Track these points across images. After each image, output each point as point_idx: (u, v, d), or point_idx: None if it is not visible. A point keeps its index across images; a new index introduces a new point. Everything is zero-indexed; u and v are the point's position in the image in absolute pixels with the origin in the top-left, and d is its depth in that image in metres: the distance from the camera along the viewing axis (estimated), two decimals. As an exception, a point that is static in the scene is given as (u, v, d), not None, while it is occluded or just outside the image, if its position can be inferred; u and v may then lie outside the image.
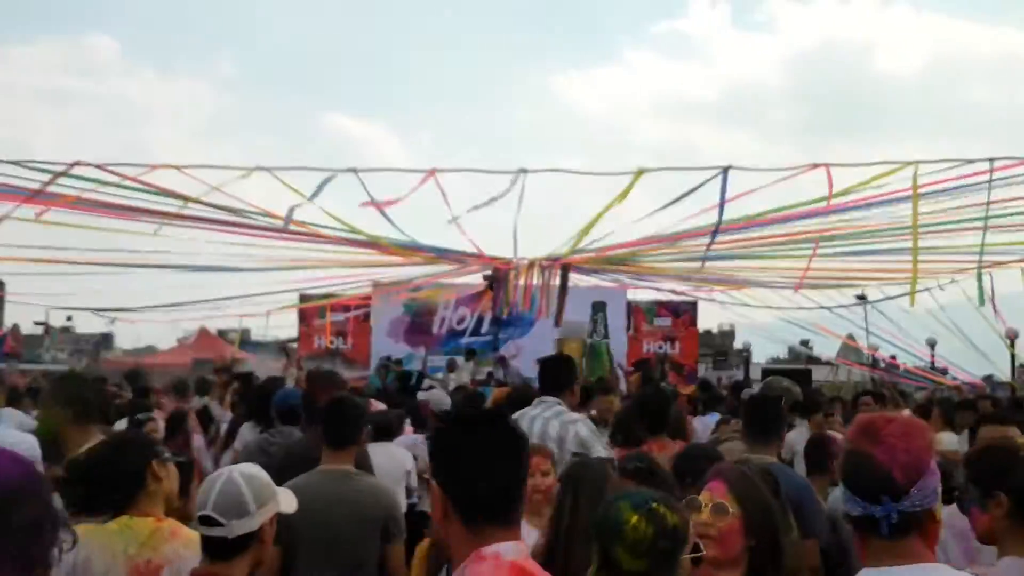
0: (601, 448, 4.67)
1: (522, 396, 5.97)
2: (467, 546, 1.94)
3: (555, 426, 4.71)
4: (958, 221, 9.21)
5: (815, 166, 8.11)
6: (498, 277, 12.99)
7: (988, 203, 7.64)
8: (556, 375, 5.12)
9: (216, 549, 2.55)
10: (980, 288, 7.83)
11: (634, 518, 2.23)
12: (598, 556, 2.28)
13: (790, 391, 7.04)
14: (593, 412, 7.15)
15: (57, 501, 1.42)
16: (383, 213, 8.94)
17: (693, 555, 2.29)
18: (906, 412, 9.29)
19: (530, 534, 3.68)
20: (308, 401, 5.72)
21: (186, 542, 3.05)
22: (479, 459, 1.95)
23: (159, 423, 6.63)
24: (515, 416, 4.83)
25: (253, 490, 2.58)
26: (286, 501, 2.76)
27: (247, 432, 6.67)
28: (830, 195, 7.70)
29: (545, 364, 5.37)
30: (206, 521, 2.54)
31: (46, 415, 4.27)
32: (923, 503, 1.91)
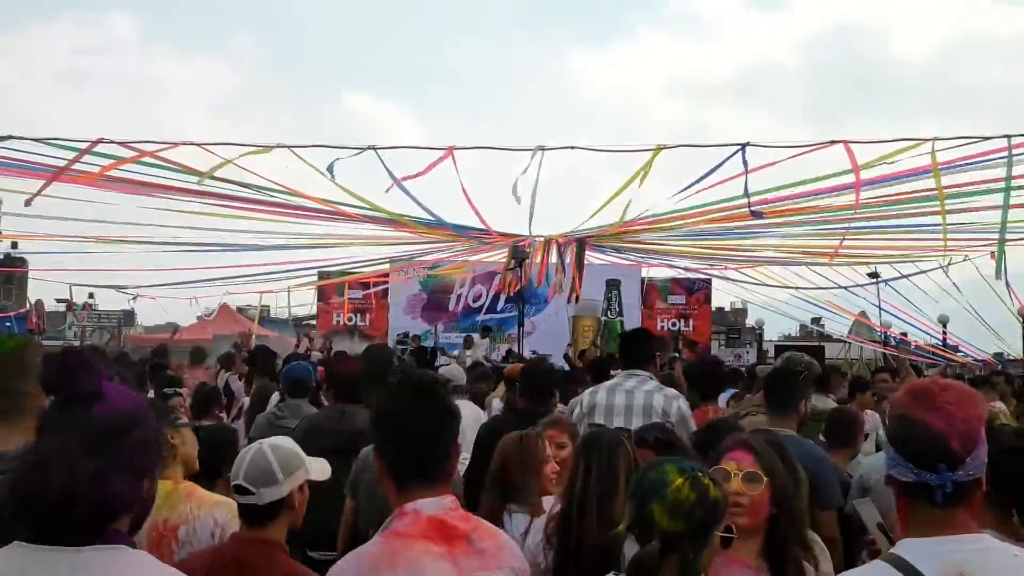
0: (694, 425, 4.85)
1: (536, 368, 6.12)
2: (396, 503, 2.22)
3: (659, 399, 4.89)
4: (979, 194, 9.22)
5: (833, 142, 8.16)
6: (523, 253, 13.06)
7: (1008, 179, 7.64)
8: (640, 348, 5.31)
9: (251, 516, 2.72)
10: (1001, 261, 7.82)
11: (679, 480, 2.27)
12: (631, 514, 2.32)
13: (812, 366, 7.06)
14: None
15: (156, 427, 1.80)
16: (405, 190, 9.04)
17: (725, 534, 2.31)
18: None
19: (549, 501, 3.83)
20: (332, 374, 5.82)
21: (199, 502, 3.23)
22: (401, 427, 2.24)
23: (184, 398, 6.78)
24: (608, 385, 5.08)
25: (280, 461, 2.73)
26: (317, 469, 2.89)
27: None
28: (856, 169, 7.74)
29: (629, 338, 5.61)
30: (239, 490, 2.71)
31: None
32: (975, 472, 1.89)
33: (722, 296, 23.00)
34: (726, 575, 2.48)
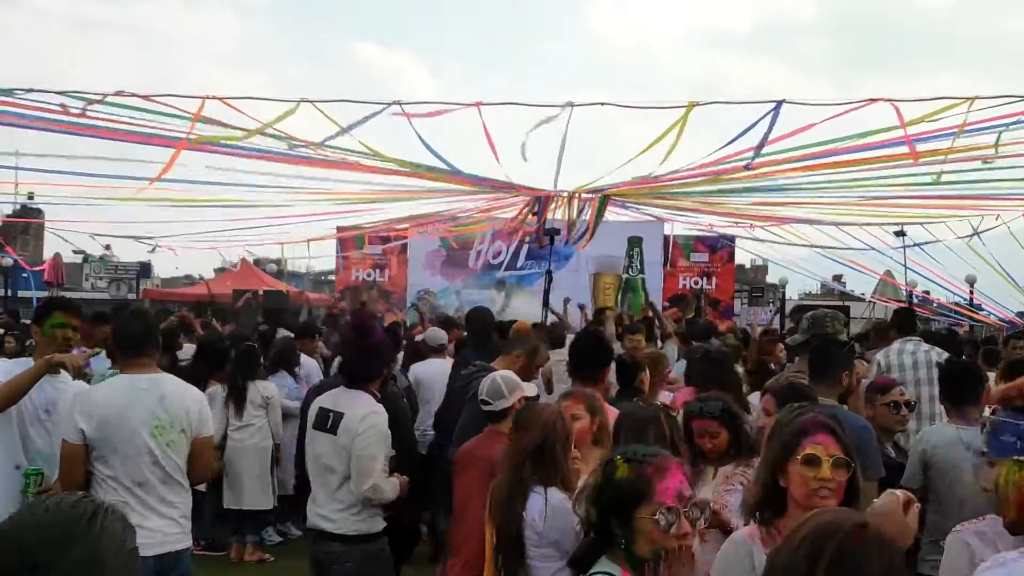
0: None
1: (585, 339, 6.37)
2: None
3: (933, 355, 6.74)
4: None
5: (872, 101, 7.93)
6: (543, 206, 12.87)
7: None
8: (912, 320, 7.51)
9: (491, 417, 4.48)
10: None
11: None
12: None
13: (837, 319, 6.76)
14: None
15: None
16: (432, 151, 8.91)
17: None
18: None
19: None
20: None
21: None
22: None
23: None
24: (895, 348, 6.83)
25: (506, 383, 4.51)
26: (530, 388, 4.70)
27: None
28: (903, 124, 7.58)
29: (904, 315, 7.71)
30: (483, 403, 4.50)
31: None
32: None
33: (742, 253, 22.70)
34: None
